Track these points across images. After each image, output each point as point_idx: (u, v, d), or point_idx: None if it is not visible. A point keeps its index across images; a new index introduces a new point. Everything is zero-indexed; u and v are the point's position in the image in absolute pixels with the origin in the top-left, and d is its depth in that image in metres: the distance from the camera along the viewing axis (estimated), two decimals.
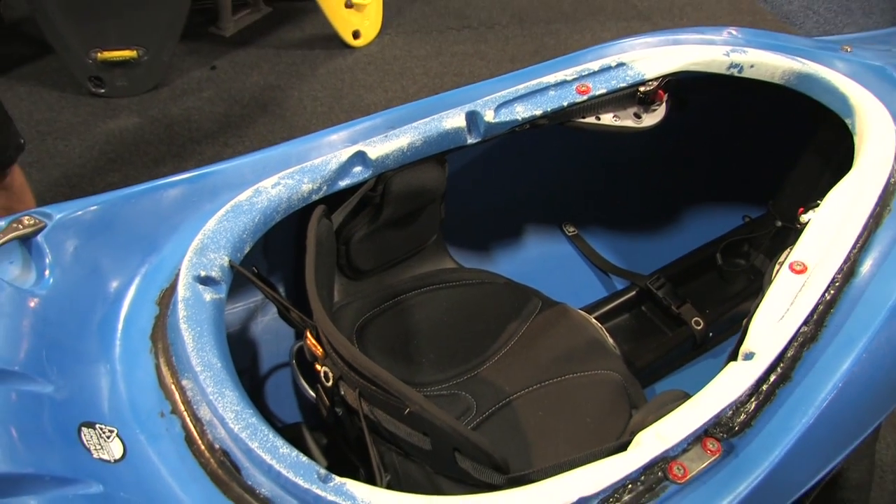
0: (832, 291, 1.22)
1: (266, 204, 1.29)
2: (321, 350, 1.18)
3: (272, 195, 1.30)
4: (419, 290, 1.58)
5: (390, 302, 1.54)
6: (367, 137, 1.44)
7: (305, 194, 1.34)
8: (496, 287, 1.63)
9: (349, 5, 3.51)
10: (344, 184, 1.40)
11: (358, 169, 1.41)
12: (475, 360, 1.52)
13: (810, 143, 1.86)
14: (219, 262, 1.19)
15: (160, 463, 1.02)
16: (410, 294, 1.57)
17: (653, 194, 2.22)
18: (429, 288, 1.59)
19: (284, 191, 1.32)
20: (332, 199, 1.41)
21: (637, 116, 1.64)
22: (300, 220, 1.43)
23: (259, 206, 1.28)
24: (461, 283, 1.62)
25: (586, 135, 1.62)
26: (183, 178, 1.36)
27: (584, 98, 1.56)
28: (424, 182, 1.53)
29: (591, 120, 1.61)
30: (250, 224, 1.26)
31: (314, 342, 1.19)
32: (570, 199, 2.13)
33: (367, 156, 1.40)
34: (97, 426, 1.03)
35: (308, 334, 1.21)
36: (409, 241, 1.68)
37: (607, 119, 1.62)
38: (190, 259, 1.18)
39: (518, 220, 2.10)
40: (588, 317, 1.64)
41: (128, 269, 1.25)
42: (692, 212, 2.25)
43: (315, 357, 1.21)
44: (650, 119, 1.65)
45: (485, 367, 1.51)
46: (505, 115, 1.50)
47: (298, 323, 1.28)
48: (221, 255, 1.20)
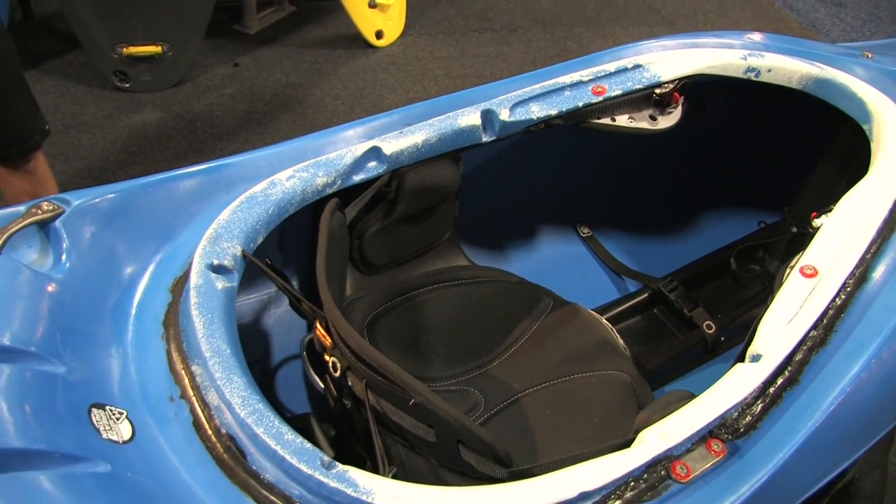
0: (843, 296, 1.22)
1: (280, 196, 1.30)
2: (330, 340, 1.19)
3: (287, 187, 1.32)
4: (431, 287, 1.58)
5: (402, 297, 1.55)
6: (383, 133, 1.45)
7: (320, 188, 1.35)
8: (508, 285, 1.63)
9: (373, 5, 3.53)
10: (358, 178, 1.41)
11: (373, 164, 1.42)
12: (485, 357, 1.53)
13: (828, 148, 1.85)
14: (232, 252, 1.21)
15: (167, 446, 1.03)
16: (423, 290, 1.57)
17: (668, 197, 2.21)
18: (441, 285, 1.59)
19: (299, 183, 1.33)
20: (347, 194, 1.42)
21: (652, 118, 1.64)
22: (314, 214, 1.44)
23: (273, 198, 1.30)
24: (474, 280, 1.62)
25: (601, 136, 1.62)
26: (199, 168, 1.38)
27: (600, 99, 1.56)
28: (439, 179, 1.54)
29: (607, 121, 1.61)
30: (264, 215, 1.28)
31: (323, 332, 1.21)
32: (584, 200, 2.13)
33: (381, 151, 1.41)
34: (107, 408, 1.05)
35: (318, 324, 1.22)
36: (422, 237, 1.69)
37: (622, 120, 1.62)
38: (203, 248, 1.20)
39: (532, 219, 2.10)
40: (599, 317, 1.64)
41: (142, 257, 1.27)
42: (707, 215, 2.24)
43: (324, 347, 1.22)
44: (666, 121, 1.65)
45: (494, 364, 1.52)
46: (520, 115, 1.51)
47: (309, 313, 1.29)
48: (234, 244, 1.22)
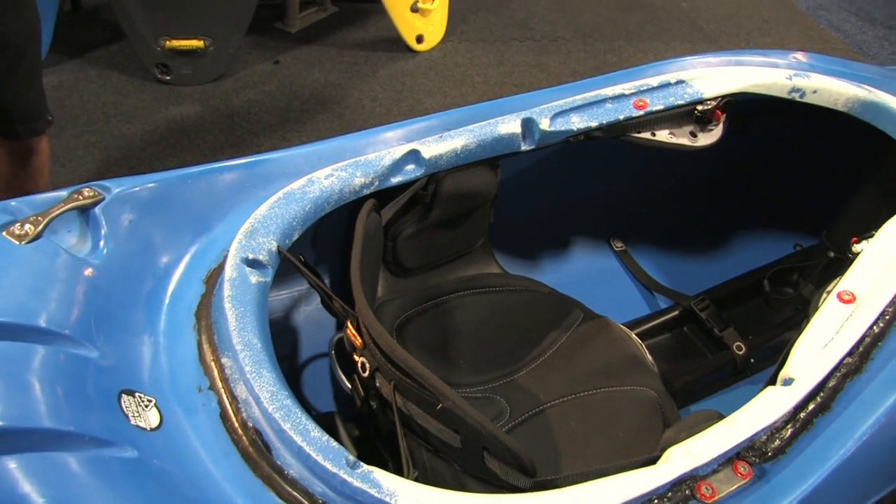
0: (881, 324, 1.20)
1: (318, 194, 1.31)
2: (360, 340, 1.19)
3: (324, 186, 1.32)
4: (462, 293, 1.58)
5: (433, 301, 1.54)
6: (423, 137, 1.45)
7: (357, 188, 1.36)
8: (539, 295, 1.62)
9: (415, 9, 3.54)
10: (396, 180, 1.42)
11: (411, 167, 1.43)
12: (512, 366, 1.52)
13: (871, 173, 1.82)
14: (267, 247, 1.21)
15: (194, 436, 1.04)
16: (453, 295, 1.57)
17: (703, 215, 2.20)
18: (472, 291, 1.59)
19: (337, 182, 1.33)
20: (383, 195, 1.42)
21: (693, 135, 1.63)
22: (350, 214, 1.44)
23: (311, 196, 1.30)
24: (505, 288, 1.61)
25: (640, 150, 1.61)
26: (239, 163, 1.39)
27: (641, 113, 1.55)
28: (476, 185, 1.54)
29: (647, 135, 1.60)
30: (301, 212, 1.28)
31: (354, 332, 1.21)
32: (619, 214, 2.12)
33: (420, 154, 1.41)
34: (137, 394, 1.06)
35: (349, 324, 1.22)
36: (456, 242, 1.69)
37: (662, 136, 1.61)
38: (239, 241, 1.20)
39: (566, 230, 2.09)
40: (629, 332, 1.62)
41: (179, 247, 1.28)
42: (742, 236, 2.21)
43: (354, 347, 1.22)
44: (706, 139, 1.64)
45: (521, 373, 1.51)
46: (560, 125, 1.50)
47: (340, 312, 1.29)
48: (270, 239, 1.22)
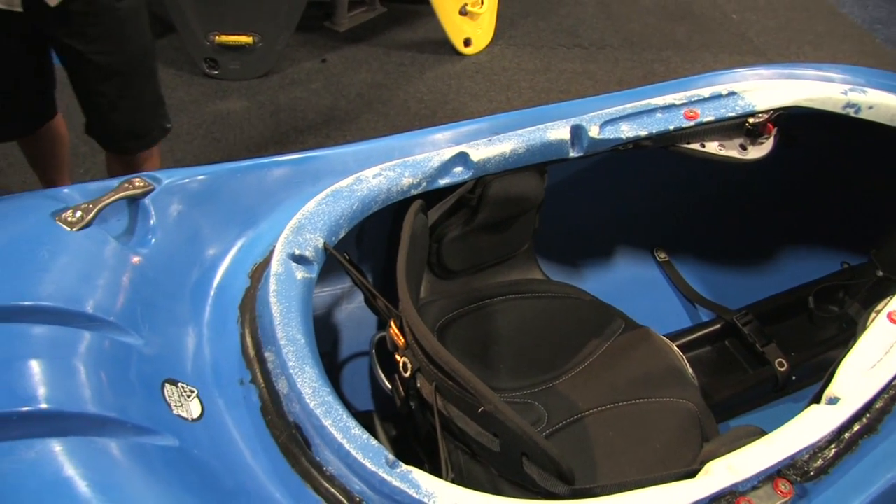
0: None
1: (366, 192, 1.31)
2: (403, 340, 1.19)
3: (372, 185, 1.33)
4: (505, 297, 1.57)
5: (475, 305, 1.54)
6: (471, 140, 1.45)
7: (405, 188, 1.36)
8: (581, 303, 1.62)
9: (463, 12, 3.53)
10: (443, 182, 1.42)
11: (459, 169, 1.43)
12: (552, 373, 1.51)
13: None
14: (313, 243, 1.22)
15: (235, 428, 1.05)
16: (496, 300, 1.57)
17: (749, 229, 2.17)
18: (515, 296, 1.58)
19: (385, 182, 1.34)
20: (430, 197, 1.42)
21: (743, 148, 1.61)
22: (396, 214, 1.45)
23: (358, 194, 1.31)
24: (547, 294, 1.61)
25: (688, 161, 1.60)
26: (288, 158, 1.40)
27: (692, 124, 1.54)
28: (523, 190, 1.54)
29: (696, 146, 1.59)
30: (348, 210, 1.29)
31: (397, 332, 1.21)
32: (664, 225, 2.10)
33: (469, 157, 1.41)
34: (179, 384, 1.07)
35: (392, 324, 1.22)
36: (500, 246, 1.68)
37: (712, 147, 1.59)
38: (286, 237, 1.21)
39: (610, 239, 2.08)
40: (670, 343, 1.61)
41: (225, 240, 1.29)
42: (788, 251, 2.18)
43: (396, 347, 1.22)
44: (756, 152, 1.62)
45: (561, 380, 1.51)
46: (609, 133, 1.49)
47: (384, 311, 1.29)
48: (317, 236, 1.23)
